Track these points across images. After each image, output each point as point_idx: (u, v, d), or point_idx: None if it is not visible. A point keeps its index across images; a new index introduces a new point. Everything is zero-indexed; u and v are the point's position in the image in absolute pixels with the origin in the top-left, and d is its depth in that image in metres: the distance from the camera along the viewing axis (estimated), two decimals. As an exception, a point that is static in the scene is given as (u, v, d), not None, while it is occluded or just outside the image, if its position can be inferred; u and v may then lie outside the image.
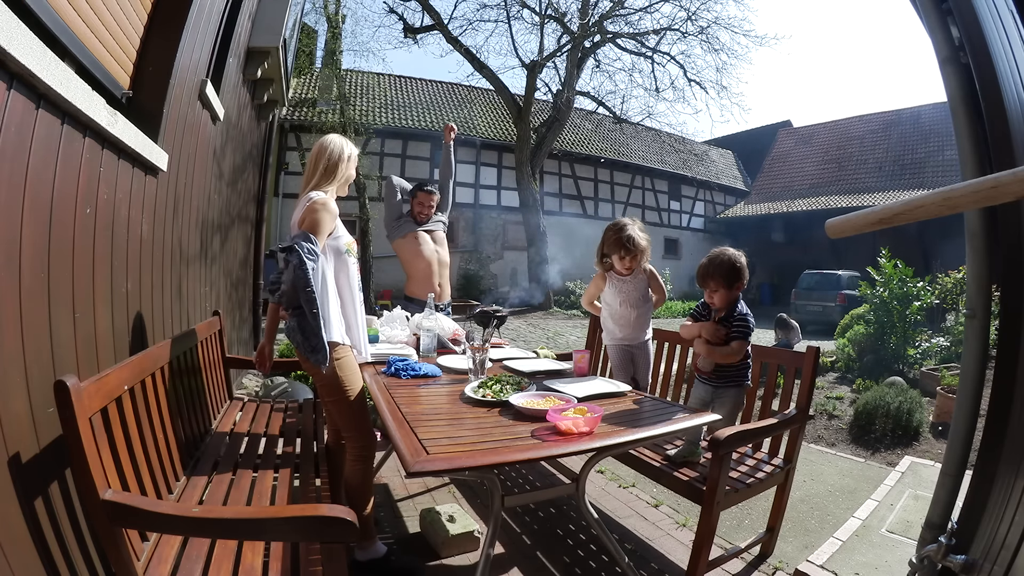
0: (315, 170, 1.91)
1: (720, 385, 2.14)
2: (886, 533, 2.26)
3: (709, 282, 2.12)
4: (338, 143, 1.94)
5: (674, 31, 13.65)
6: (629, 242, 2.38)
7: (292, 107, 13.20)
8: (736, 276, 2.08)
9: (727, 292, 2.10)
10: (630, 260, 2.44)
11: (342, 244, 1.90)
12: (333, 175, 1.91)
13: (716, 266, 2.10)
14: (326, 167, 1.90)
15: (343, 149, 1.93)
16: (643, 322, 2.60)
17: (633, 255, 2.42)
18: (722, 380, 2.14)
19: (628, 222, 2.47)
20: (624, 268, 2.47)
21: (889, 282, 5.35)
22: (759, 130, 22.47)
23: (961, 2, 1.24)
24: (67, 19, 1.43)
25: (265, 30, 3.89)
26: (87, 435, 1.06)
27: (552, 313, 12.35)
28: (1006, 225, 1.21)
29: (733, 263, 2.09)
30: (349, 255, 1.93)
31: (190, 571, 1.22)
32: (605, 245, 2.51)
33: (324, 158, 1.91)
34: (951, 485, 1.31)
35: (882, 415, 3.75)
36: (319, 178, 1.91)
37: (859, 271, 9.13)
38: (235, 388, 2.68)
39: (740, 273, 2.09)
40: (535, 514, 2.48)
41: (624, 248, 2.40)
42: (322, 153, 1.91)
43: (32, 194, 1.14)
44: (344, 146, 1.95)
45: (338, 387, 1.81)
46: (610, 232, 2.48)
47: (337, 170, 1.91)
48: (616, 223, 2.50)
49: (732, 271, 2.08)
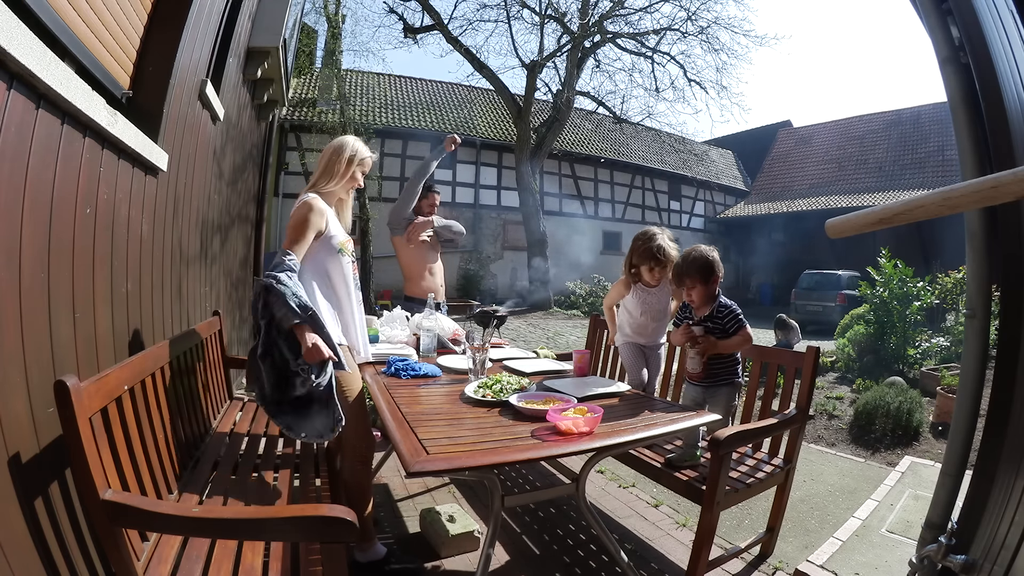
0: (317, 169, 1.94)
1: (711, 385, 2.14)
2: (886, 533, 2.26)
3: (685, 280, 2.14)
4: (344, 143, 1.94)
5: (674, 31, 13.65)
6: (660, 252, 2.28)
7: (292, 107, 13.20)
8: (711, 270, 2.11)
9: (704, 287, 2.12)
10: (660, 271, 2.34)
11: (336, 243, 1.88)
12: (331, 174, 1.91)
13: (689, 263, 2.13)
14: (326, 166, 1.92)
15: (345, 149, 1.92)
16: (661, 330, 2.55)
17: (663, 265, 2.32)
18: (712, 380, 2.14)
19: (658, 231, 2.38)
20: (653, 279, 2.37)
21: (889, 282, 5.35)
22: (759, 130, 22.47)
23: (961, 2, 1.24)
24: (67, 19, 1.43)
25: (265, 30, 3.89)
26: (87, 435, 1.06)
27: (552, 313, 12.34)
28: (1006, 225, 1.21)
29: (705, 257, 2.12)
30: (343, 254, 1.91)
31: (190, 571, 1.22)
32: (634, 255, 2.39)
33: (326, 157, 1.92)
34: (951, 485, 1.31)
35: (882, 415, 3.75)
36: (318, 177, 1.92)
37: (859, 271, 9.13)
38: (235, 388, 2.67)
39: (714, 266, 2.12)
40: (535, 514, 2.48)
41: (655, 259, 2.30)
42: (326, 153, 1.93)
43: (32, 194, 1.14)
44: (348, 147, 1.93)
45: (336, 388, 1.80)
46: (639, 242, 2.38)
47: (334, 169, 1.91)
48: (646, 232, 2.40)
49: (706, 265, 2.10)
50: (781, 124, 22.51)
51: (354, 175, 1.96)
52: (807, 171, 19.60)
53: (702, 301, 2.16)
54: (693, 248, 2.20)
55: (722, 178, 20.81)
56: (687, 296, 2.20)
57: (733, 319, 2.11)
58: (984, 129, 1.23)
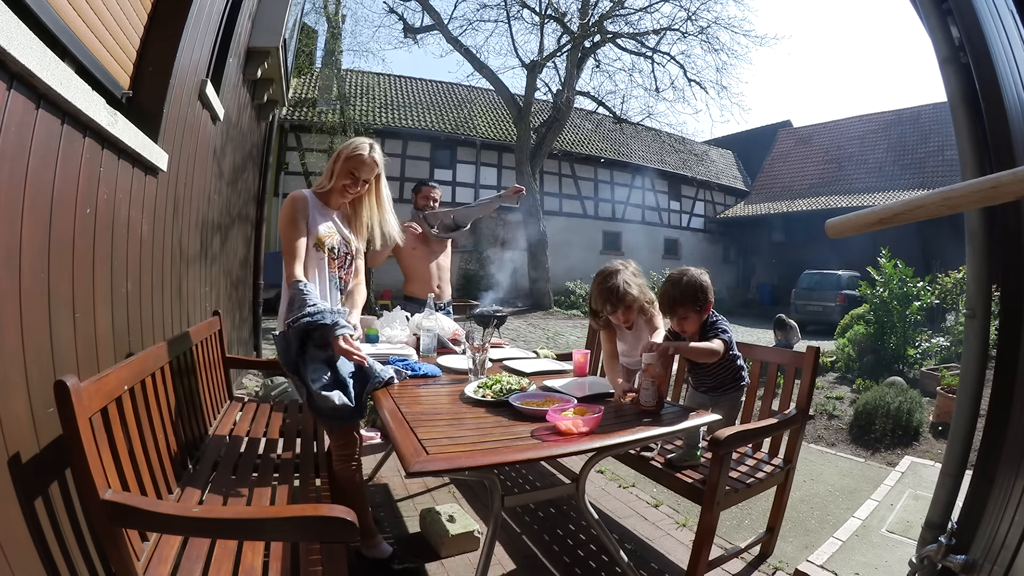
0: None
1: (717, 393, 2.09)
2: (886, 533, 2.26)
3: (678, 309, 1.94)
4: (348, 142, 1.93)
5: (674, 31, 13.66)
6: (612, 294, 1.94)
7: (292, 107, 13.19)
8: (704, 296, 1.93)
9: (698, 316, 1.95)
10: (624, 312, 1.99)
11: (312, 239, 1.86)
12: (327, 173, 1.94)
13: (681, 290, 1.93)
14: (326, 166, 1.95)
15: (345, 147, 1.91)
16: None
17: (619, 308, 1.96)
18: (718, 388, 2.08)
19: (618, 268, 2.02)
20: (622, 321, 2.04)
21: (889, 282, 5.36)
22: (759, 130, 22.46)
23: (961, 2, 1.24)
24: (67, 19, 1.43)
25: (265, 30, 3.89)
26: (87, 435, 1.06)
27: (552, 313, 12.35)
28: (1006, 225, 1.21)
29: (698, 282, 1.92)
30: (319, 249, 1.88)
31: (190, 571, 1.22)
32: (592, 299, 2.08)
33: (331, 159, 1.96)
34: (951, 485, 1.31)
35: (882, 415, 3.75)
36: (323, 177, 1.95)
37: (859, 271, 9.13)
38: (235, 388, 2.67)
39: (707, 292, 1.94)
40: (535, 514, 2.48)
41: (608, 302, 1.96)
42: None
43: (32, 194, 1.14)
44: (348, 145, 1.92)
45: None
46: (595, 282, 2.05)
47: (330, 168, 1.93)
48: (602, 271, 2.05)
49: (700, 291, 1.92)
50: (781, 124, 22.50)
51: (347, 172, 1.89)
52: (807, 171, 19.59)
53: (696, 330, 1.97)
54: (683, 272, 1.98)
55: (722, 178, 20.81)
56: (678, 326, 1.98)
57: (713, 330, 1.95)
58: (984, 129, 1.23)
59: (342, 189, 1.93)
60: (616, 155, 17.67)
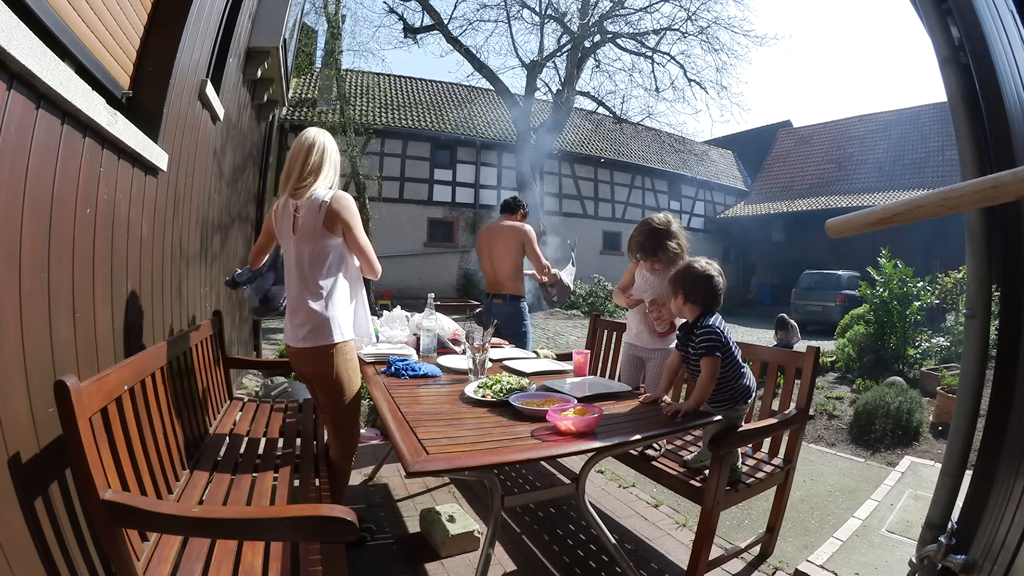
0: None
1: (724, 408, 1.96)
2: (886, 533, 2.26)
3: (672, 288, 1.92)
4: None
5: (674, 31, 13.63)
6: (652, 249, 2.13)
7: (292, 107, 13.19)
8: (695, 288, 1.86)
9: (687, 307, 1.89)
10: (652, 263, 2.19)
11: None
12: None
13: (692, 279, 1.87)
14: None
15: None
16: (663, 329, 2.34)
17: (656, 259, 2.15)
18: (724, 402, 1.94)
19: (664, 220, 2.18)
20: (651, 271, 2.24)
21: (889, 282, 5.36)
22: (759, 130, 22.45)
23: (961, 2, 1.24)
24: (67, 19, 1.43)
25: (265, 30, 3.89)
26: (87, 435, 1.06)
27: (552, 313, 12.34)
28: (1006, 225, 1.21)
29: (702, 273, 1.86)
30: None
31: (190, 571, 1.22)
32: (631, 242, 2.28)
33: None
34: (951, 485, 1.31)
35: (882, 415, 3.76)
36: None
37: (859, 271, 9.13)
38: (235, 388, 2.67)
39: (699, 286, 1.86)
40: (535, 514, 2.48)
41: (641, 250, 2.16)
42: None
43: (32, 194, 1.14)
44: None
45: (339, 387, 1.82)
46: (636, 230, 2.24)
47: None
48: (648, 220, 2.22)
49: (698, 280, 1.86)
50: (781, 124, 22.49)
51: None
52: (807, 171, 19.58)
53: (677, 314, 1.96)
54: (696, 259, 1.95)
55: (722, 178, 20.80)
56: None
57: (702, 339, 1.78)
58: (984, 129, 1.23)
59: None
60: (616, 155, 17.66)
